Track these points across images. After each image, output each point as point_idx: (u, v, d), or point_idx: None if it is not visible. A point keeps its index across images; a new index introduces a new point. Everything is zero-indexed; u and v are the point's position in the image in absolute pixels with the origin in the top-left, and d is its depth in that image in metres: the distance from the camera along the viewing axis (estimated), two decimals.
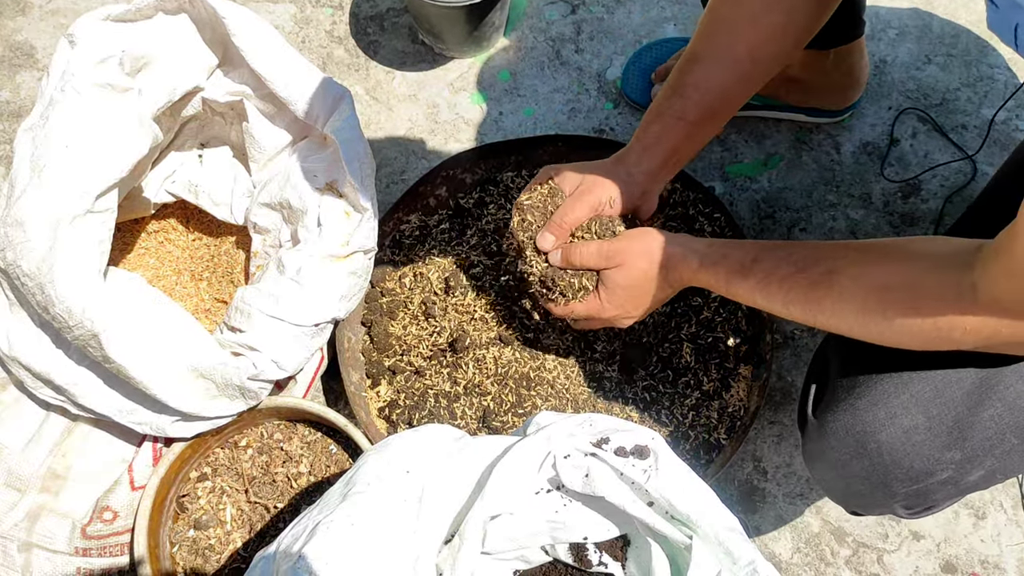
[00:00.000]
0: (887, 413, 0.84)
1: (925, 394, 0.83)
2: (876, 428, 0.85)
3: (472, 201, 1.34)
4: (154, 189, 1.26)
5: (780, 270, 0.90)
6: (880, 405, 0.85)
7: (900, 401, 0.84)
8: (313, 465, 1.19)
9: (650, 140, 1.05)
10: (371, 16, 1.60)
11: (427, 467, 0.83)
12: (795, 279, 0.89)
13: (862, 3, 1.31)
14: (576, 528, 0.85)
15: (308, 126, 1.19)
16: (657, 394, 1.22)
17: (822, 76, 1.38)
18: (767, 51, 1.00)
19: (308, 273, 1.07)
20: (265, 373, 1.06)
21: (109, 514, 1.12)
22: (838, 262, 0.87)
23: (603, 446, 0.81)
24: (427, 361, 1.22)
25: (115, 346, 0.96)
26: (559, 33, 1.58)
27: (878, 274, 0.83)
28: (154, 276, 1.31)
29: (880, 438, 0.84)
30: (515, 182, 1.36)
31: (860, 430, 0.86)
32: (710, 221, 1.30)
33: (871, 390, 0.86)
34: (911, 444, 0.83)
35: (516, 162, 1.38)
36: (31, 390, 1.07)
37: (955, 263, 0.77)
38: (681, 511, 0.78)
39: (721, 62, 1.01)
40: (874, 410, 0.85)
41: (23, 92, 1.54)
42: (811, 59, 1.36)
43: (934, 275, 0.79)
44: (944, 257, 0.79)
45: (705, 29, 1.02)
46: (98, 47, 1.07)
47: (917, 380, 0.83)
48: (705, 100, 1.02)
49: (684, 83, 1.02)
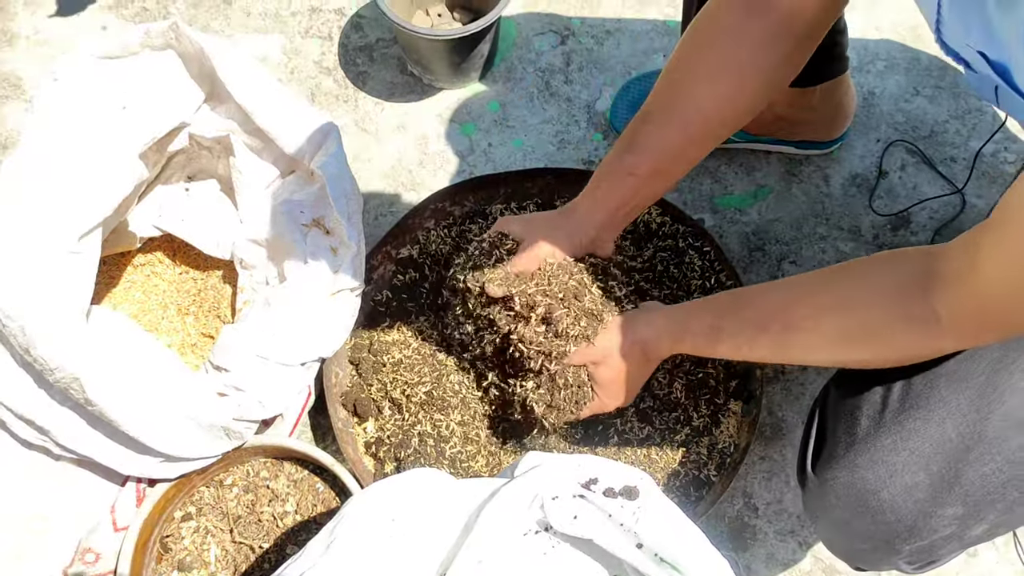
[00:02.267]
0: (888, 471, 0.83)
1: (925, 450, 0.82)
2: (878, 486, 0.84)
3: (451, 241, 1.34)
4: (140, 223, 1.25)
5: (743, 334, 0.95)
6: (880, 463, 0.84)
7: (900, 459, 0.83)
8: (299, 504, 1.18)
9: (600, 195, 1.08)
10: (360, 47, 1.59)
11: (413, 513, 0.82)
12: (759, 340, 0.93)
13: (845, 40, 1.32)
14: (564, 571, 0.84)
15: (296, 161, 1.19)
16: (649, 430, 1.21)
17: (809, 112, 1.38)
18: (719, 115, 1.01)
19: (294, 311, 1.06)
20: (250, 413, 1.05)
21: (91, 555, 1.10)
22: (792, 315, 0.90)
23: (591, 487, 0.80)
24: (409, 401, 1.21)
25: (97, 389, 0.95)
26: (549, 64, 1.58)
27: (836, 322, 0.87)
28: (140, 310, 1.30)
29: (882, 496, 0.83)
30: (504, 214, 1.35)
31: (861, 488, 0.85)
32: (699, 254, 1.30)
33: (870, 447, 0.85)
34: (913, 501, 0.82)
35: (505, 194, 1.37)
36: (13, 430, 1.06)
37: (913, 290, 0.80)
38: (670, 554, 0.77)
39: (672, 123, 1.02)
40: (875, 468, 0.84)
41: (9, 123, 1.53)
42: (796, 97, 1.36)
43: (895, 312, 0.82)
44: (900, 287, 0.82)
45: (659, 89, 1.04)
46: (83, 84, 1.07)
47: (915, 436, 0.83)
48: (655, 158, 1.04)
49: (635, 141, 1.04)
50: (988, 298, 0.73)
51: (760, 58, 0.97)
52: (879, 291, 0.84)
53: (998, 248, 0.70)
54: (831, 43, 1.28)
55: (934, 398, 0.83)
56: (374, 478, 1.20)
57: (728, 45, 0.98)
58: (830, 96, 1.37)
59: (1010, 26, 0.63)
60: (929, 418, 0.82)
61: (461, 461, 1.19)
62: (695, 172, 1.48)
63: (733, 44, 0.97)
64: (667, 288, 1.28)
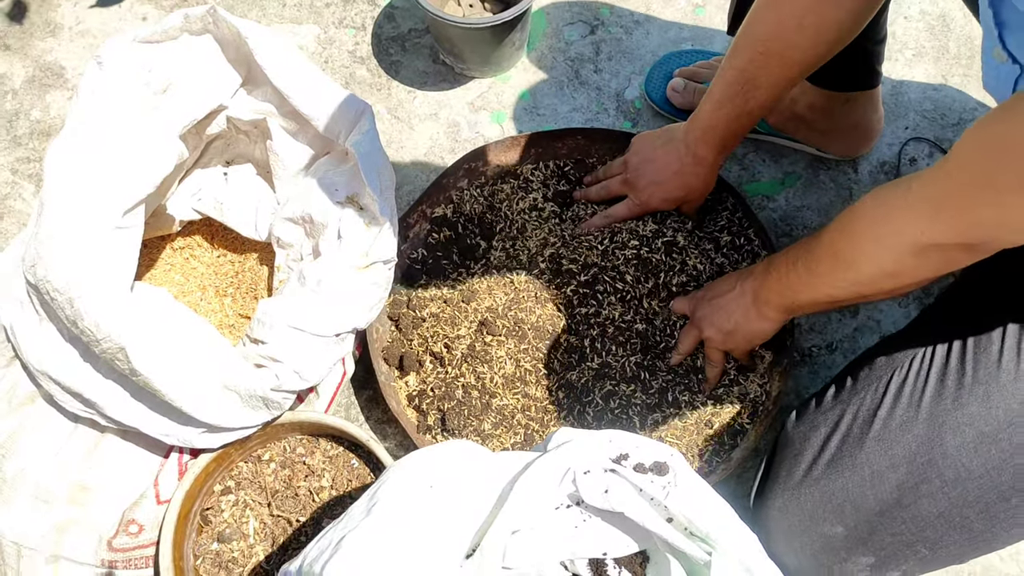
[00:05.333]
0: (811, 519, 0.95)
1: (845, 508, 0.93)
2: (800, 531, 0.96)
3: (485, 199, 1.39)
4: (180, 206, 1.28)
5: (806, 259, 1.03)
6: (806, 511, 0.96)
7: (823, 510, 0.95)
8: (335, 479, 1.20)
9: (718, 121, 1.17)
10: (393, 37, 1.62)
11: (450, 482, 0.84)
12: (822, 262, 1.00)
13: (882, 52, 1.31)
14: (595, 544, 0.86)
15: (330, 142, 1.21)
16: (679, 380, 1.24)
17: (828, 120, 1.39)
18: (827, 41, 1.05)
19: (328, 284, 1.09)
20: (287, 384, 1.08)
21: (135, 527, 1.13)
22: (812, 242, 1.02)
23: (622, 462, 0.82)
24: (451, 354, 1.24)
25: (141, 359, 0.98)
26: (578, 53, 1.59)
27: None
28: (179, 292, 1.33)
29: (803, 540, 0.96)
30: (534, 175, 1.40)
31: (787, 529, 0.98)
32: (728, 210, 1.36)
33: (801, 494, 0.97)
34: (831, 549, 0.95)
35: (536, 154, 1.42)
36: (60, 403, 1.09)
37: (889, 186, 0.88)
38: (700, 528, 0.78)
39: (791, 61, 1.07)
40: (800, 514, 0.96)
41: (53, 111, 1.57)
42: (820, 99, 1.36)
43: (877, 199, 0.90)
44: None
45: (765, 20, 1.07)
46: (125, 68, 1.10)
47: (839, 493, 0.94)
48: (773, 95, 1.11)
49: (756, 78, 1.10)
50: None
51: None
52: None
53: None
54: (868, 51, 1.28)
55: (860, 459, 0.93)
56: (417, 430, 1.23)
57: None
58: (852, 110, 1.38)
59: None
60: (852, 478, 0.93)
61: (507, 414, 1.21)
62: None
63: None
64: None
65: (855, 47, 1.07)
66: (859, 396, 0.98)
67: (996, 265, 0.88)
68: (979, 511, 0.87)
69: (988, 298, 0.96)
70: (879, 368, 0.98)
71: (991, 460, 0.86)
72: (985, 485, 0.87)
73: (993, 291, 0.96)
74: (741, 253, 1.31)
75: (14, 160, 1.53)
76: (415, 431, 1.23)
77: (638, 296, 1.25)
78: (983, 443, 0.87)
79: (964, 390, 0.90)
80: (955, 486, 0.88)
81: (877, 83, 1.35)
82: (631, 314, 1.24)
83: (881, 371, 0.98)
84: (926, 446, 0.89)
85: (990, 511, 0.87)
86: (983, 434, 0.87)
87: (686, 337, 1.22)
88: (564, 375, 1.22)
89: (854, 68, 1.30)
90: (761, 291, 1.11)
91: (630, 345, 1.23)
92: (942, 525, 0.89)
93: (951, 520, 0.88)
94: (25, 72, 1.60)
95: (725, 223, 1.33)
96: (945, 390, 0.91)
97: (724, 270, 1.29)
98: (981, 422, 0.87)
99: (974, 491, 0.87)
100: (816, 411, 1.01)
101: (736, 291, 1.16)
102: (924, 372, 0.94)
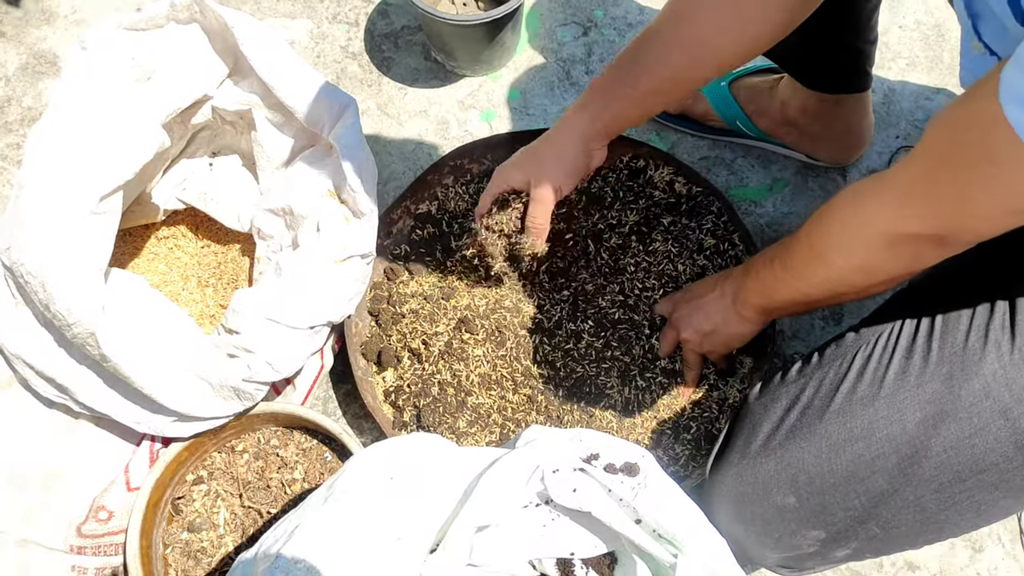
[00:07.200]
0: (764, 489, 0.93)
1: (799, 479, 0.91)
2: (753, 499, 0.94)
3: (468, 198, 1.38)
4: (165, 196, 1.28)
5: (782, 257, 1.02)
6: (760, 481, 0.94)
7: (776, 481, 0.92)
8: (307, 472, 1.20)
9: (595, 110, 1.09)
10: (386, 33, 1.62)
11: (412, 474, 0.83)
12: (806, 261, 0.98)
13: (873, 53, 1.30)
14: (563, 543, 0.85)
15: (315, 135, 1.21)
16: (659, 384, 1.23)
17: (819, 124, 1.39)
18: (722, 42, 1.01)
19: (304, 276, 1.09)
20: (260, 375, 1.07)
21: (104, 513, 1.13)
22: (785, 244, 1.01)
23: (592, 462, 0.81)
24: (428, 351, 1.24)
25: (111, 345, 0.98)
26: (570, 54, 1.59)
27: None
28: (162, 281, 1.33)
29: (755, 510, 0.94)
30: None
31: (739, 498, 0.96)
32: (712, 215, 1.33)
33: (756, 464, 0.95)
34: (782, 520, 0.93)
35: None
36: (34, 388, 1.09)
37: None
38: (668, 529, 0.78)
39: (676, 44, 1.02)
40: (755, 484, 0.94)
41: (44, 99, 1.57)
42: (811, 102, 1.36)
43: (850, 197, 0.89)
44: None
45: (665, 12, 1.03)
46: (110, 54, 1.10)
47: (793, 465, 0.92)
48: (656, 77, 1.05)
49: (637, 59, 1.05)
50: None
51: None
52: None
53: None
54: (859, 52, 1.28)
55: (818, 431, 0.91)
56: (392, 426, 1.23)
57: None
58: (843, 114, 1.37)
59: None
60: (809, 449, 0.91)
61: (483, 412, 1.21)
62: (711, 163, 1.49)
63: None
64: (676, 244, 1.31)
65: (847, 47, 1.06)
66: (823, 370, 0.96)
67: (970, 254, 0.87)
68: (933, 490, 0.86)
69: (959, 280, 0.93)
70: (846, 344, 0.96)
71: (949, 439, 0.84)
72: (942, 464, 0.85)
73: (965, 274, 0.95)
74: (724, 258, 1.31)
75: (4, 146, 1.53)
76: (390, 427, 1.22)
77: (619, 300, 1.25)
78: (943, 422, 0.85)
79: (928, 368, 0.88)
80: (911, 463, 0.86)
81: (868, 86, 1.35)
82: (611, 316, 1.24)
83: (848, 347, 0.96)
84: (885, 421, 0.88)
85: (945, 492, 0.85)
86: (943, 412, 0.85)
87: (665, 338, 1.22)
88: (541, 377, 1.22)
89: (845, 70, 1.29)
90: (740, 292, 1.11)
91: (609, 346, 1.23)
92: (895, 503, 0.87)
93: (905, 498, 0.87)
94: (19, 59, 1.60)
95: (710, 227, 1.32)
96: (910, 367, 0.89)
97: (706, 273, 1.28)
98: (943, 401, 0.85)
99: (930, 470, 0.85)
100: (779, 384, 0.99)
101: (716, 292, 1.15)
102: (890, 349, 0.92)
